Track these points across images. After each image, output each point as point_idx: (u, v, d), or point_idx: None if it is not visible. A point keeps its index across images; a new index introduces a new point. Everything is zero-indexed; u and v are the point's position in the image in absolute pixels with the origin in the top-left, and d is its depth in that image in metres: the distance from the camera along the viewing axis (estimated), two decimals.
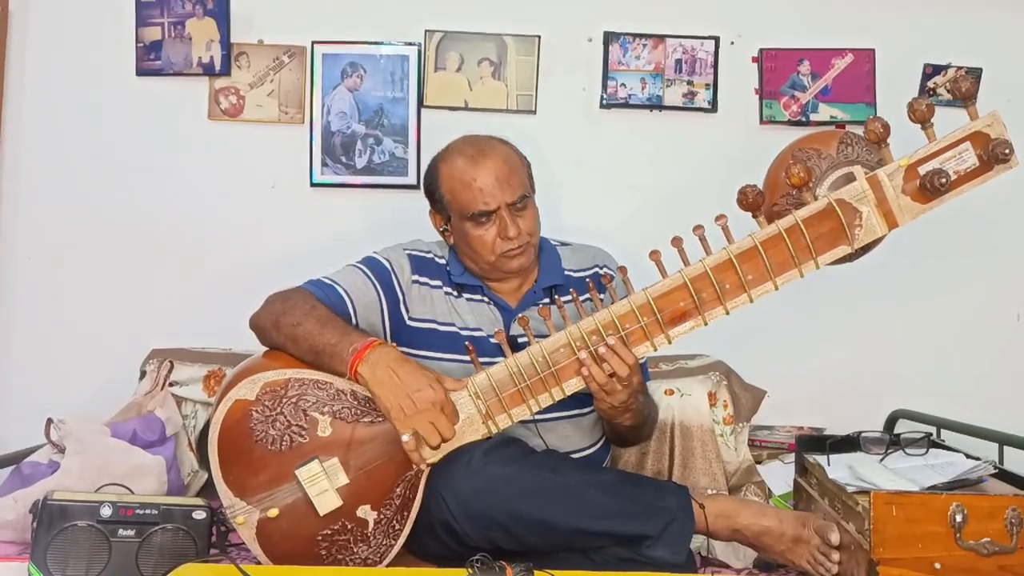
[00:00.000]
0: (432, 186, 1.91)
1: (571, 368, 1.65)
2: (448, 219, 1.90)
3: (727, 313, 1.63)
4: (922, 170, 1.56)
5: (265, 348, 1.78)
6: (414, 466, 1.64)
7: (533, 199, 1.90)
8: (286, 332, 1.72)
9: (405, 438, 1.60)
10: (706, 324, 1.64)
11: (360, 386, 1.66)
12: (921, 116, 1.55)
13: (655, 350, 1.65)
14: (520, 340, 1.71)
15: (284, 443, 1.64)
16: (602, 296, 1.68)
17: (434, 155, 1.95)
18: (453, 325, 1.87)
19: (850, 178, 1.61)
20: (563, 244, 2.01)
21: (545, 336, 1.67)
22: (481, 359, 1.69)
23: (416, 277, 1.89)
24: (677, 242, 1.61)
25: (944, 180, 1.53)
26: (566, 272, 1.95)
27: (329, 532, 1.63)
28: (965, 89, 1.55)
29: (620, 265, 1.75)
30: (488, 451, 1.65)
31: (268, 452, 1.63)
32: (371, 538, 1.64)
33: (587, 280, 1.73)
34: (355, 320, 1.82)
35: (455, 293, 1.90)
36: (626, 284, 1.69)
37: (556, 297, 1.72)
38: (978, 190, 1.60)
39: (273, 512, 1.63)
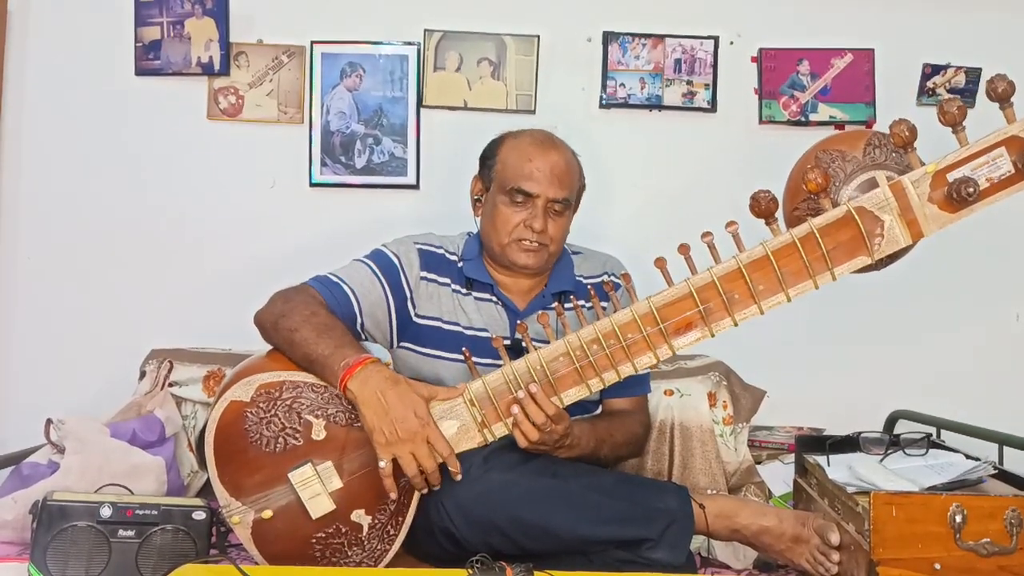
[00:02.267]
0: (490, 152, 1.93)
1: (570, 378, 1.62)
2: (488, 187, 1.91)
3: (735, 324, 1.57)
4: (951, 177, 1.48)
5: (267, 345, 1.78)
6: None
7: (571, 214, 1.91)
8: (283, 335, 1.71)
9: (382, 464, 1.59)
10: (713, 336, 1.58)
11: None
12: (951, 119, 1.45)
13: (658, 361, 1.61)
14: (524, 345, 1.70)
15: (278, 445, 1.63)
16: (604, 305, 1.66)
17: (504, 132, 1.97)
18: (458, 324, 1.86)
19: (875, 183, 1.53)
20: (575, 252, 2.00)
21: (546, 342, 1.65)
22: (484, 359, 1.69)
23: (424, 273, 1.88)
24: (684, 249, 1.56)
25: (972, 189, 1.43)
26: (577, 278, 1.95)
27: (323, 535, 1.63)
28: (1002, 90, 1.44)
29: (623, 272, 1.73)
30: (487, 457, 1.64)
31: (262, 453, 1.63)
32: (365, 543, 1.64)
33: (589, 287, 1.72)
34: (360, 319, 1.82)
35: (463, 291, 1.89)
36: (629, 292, 1.66)
37: (557, 304, 1.70)
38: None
39: (267, 513, 1.63)
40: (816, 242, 1.53)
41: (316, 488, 1.62)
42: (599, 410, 1.96)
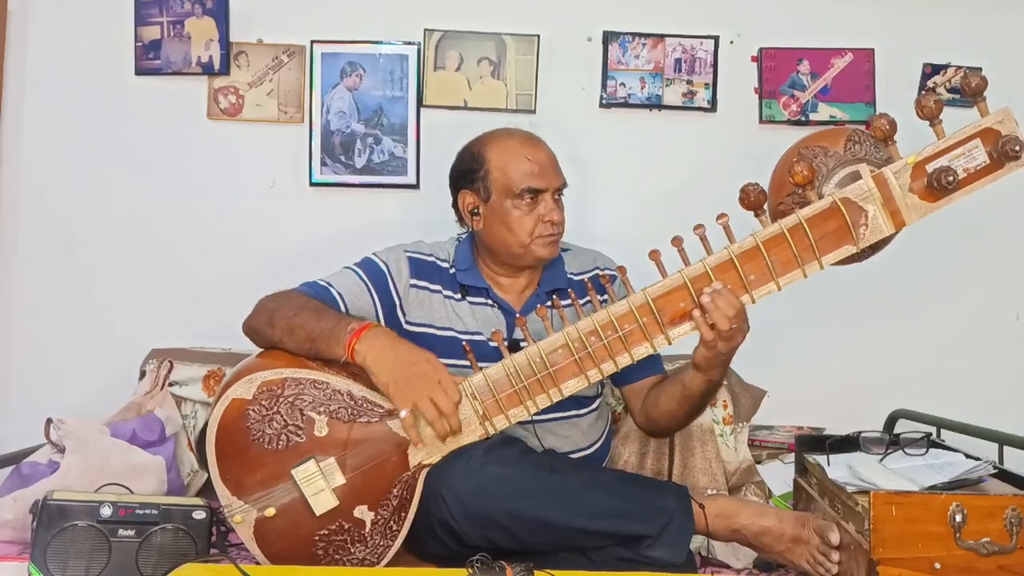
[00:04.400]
0: (475, 164, 1.91)
1: (569, 369, 1.65)
2: (486, 199, 1.89)
3: None
4: (930, 168, 1.54)
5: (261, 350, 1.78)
6: (411, 466, 1.64)
7: None
8: (281, 325, 1.72)
9: (403, 414, 1.60)
10: None
11: (357, 385, 1.66)
12: (929, 113, 1.52)
13: (655, 351, 1.65)
14: (522, 344, 1.70)
15: (281, 442, 1.64)
16: (602, 298, 1.68)
17: (473, 139, 1.96)
18: (452, 329, 1.87)
19: (856, 176, 1.60)
20: (564, 249, 2.01)
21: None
22: (481, 364, 1.69)
23: (414, 281, 1.89)
24: (677, 242, 1.60)
25: (951, 178, 1.51)
26: (568, 275, 1.96)
27: (326, 532, 1.63)
28: (975, 85, 1.52)
29: (619, 265, 1.75)
30: (487, 451, 1.65)
31: (265, 451, 1.63)
32: (368, 539, 1.64)
33: (586, 282, 1.73)
34: None
35: (457, 296, 1.90)
36: (625, 284, 1.69)
37: (555, 299, 1.72)
38: (978, 190, 1.59)
39: (270, 511, 1.63)
40: (804, 232, 1.58)
41: (319, 484, 1.62)
42: (595, 404, 1.96)
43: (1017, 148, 1.51)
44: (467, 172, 1.92)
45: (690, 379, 1.76)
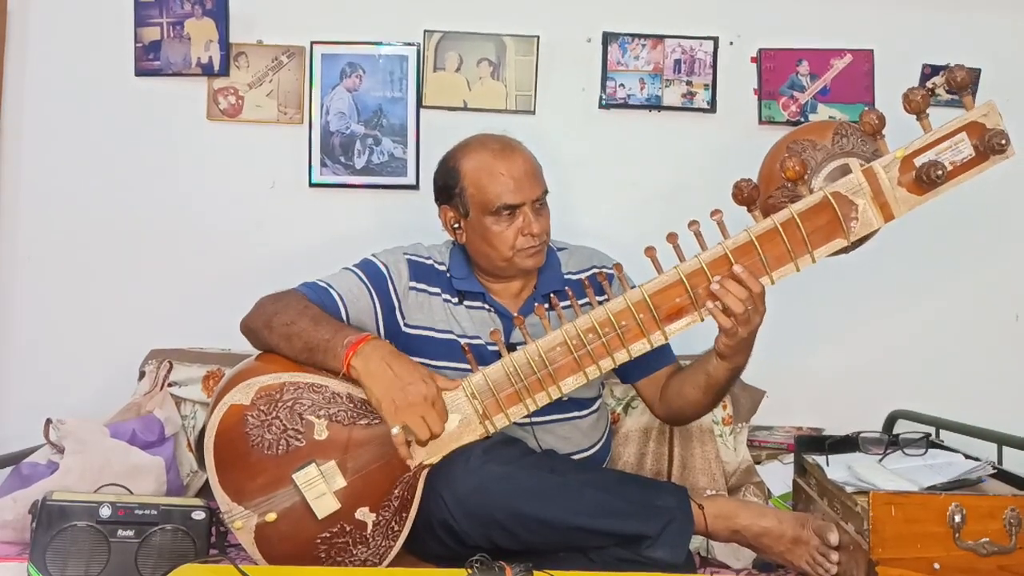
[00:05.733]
0: (451, 180, 1.88)
1: (568, 367, 1.65)
2: (465, 215, 1.87)
3: None
4: (918, 161, 1.56)
5: (258, 351, 1.78)
6: (411, 467, 1.64)
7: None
8: (279, 331, 1.71)
9: (395, 431, 1.60)
10: (702, 320, 1.64)
11: (356, 388, 1.66)
12: (916, 107, 1.54)
13: (652, 347, 1.65)
14: (518, 346, 1.70)
15: (280, 447, 1.63)
16: (599, 298, 1.68)
17: (449, 151, 1.93)
18: (451, 332, 1.87)
19: (846, 170, 1.60)
20: (560, 248, 2.00)
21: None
22: (480, 367, 1.69)
23: (414, 283, 1.88)
24: (672, 238, 1.61)
25: (940, 172, 1.52)
26: (566, 276, 1.95)
27: (328, 535, 1.63)
28: (960, 79, 1.54)
29: (616, 262, 1.75)
30: (487, 450, 1.65)
31: (264, 456, 1.63)
32: (370, 540, 1.64)
33: (583, 281, 1.73)
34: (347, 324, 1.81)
35: (454, 300, 1.90)
36: (622, 282, 1.69)
37: (553, 299, 1.71)
38: (977, 189, 1.59)
39: (271, 516, 1.63)
40: (796, 226, 1.59)
41: (321, 488, 1.62)
42: (595, 405, 1.96)
43: (1003, 141, 1.52)
44: (444, 188, 1.90)
45: (714, 367, 1.73)
